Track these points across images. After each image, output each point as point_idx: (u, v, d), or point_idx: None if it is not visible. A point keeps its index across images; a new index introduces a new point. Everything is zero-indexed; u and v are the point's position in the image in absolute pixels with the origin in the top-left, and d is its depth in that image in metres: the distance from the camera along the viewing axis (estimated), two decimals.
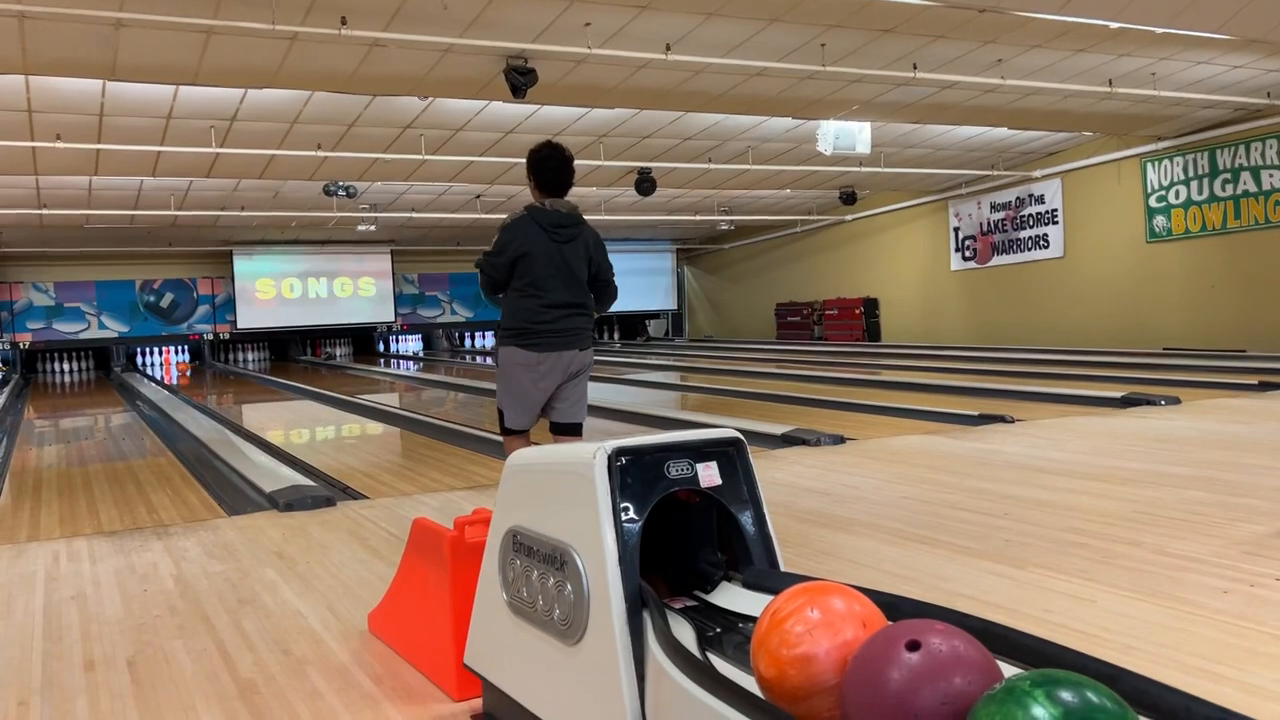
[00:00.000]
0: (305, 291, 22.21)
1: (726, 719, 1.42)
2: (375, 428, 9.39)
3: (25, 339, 20.24)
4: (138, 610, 3.40)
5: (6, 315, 19.99)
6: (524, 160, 4.26)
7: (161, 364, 21.46)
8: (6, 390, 15.39)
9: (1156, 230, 14.14)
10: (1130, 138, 14.00)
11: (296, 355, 22.76)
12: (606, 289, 4.29)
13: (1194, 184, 13.59)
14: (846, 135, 11.60)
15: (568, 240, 4.12)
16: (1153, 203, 14.15)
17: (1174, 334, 13.70)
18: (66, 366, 20.87)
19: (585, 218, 4.24)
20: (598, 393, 11.53)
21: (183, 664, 2.85)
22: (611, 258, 4.32)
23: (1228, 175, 13.17)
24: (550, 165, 4.16)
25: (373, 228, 18.58)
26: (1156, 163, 14.06)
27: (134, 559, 4.14)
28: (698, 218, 19.51)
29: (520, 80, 8.27)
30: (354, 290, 22.68)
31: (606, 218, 18.45)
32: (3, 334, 19.89)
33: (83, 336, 20.78)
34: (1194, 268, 13.63)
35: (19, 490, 6.24)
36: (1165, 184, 13.97)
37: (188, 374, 19.87)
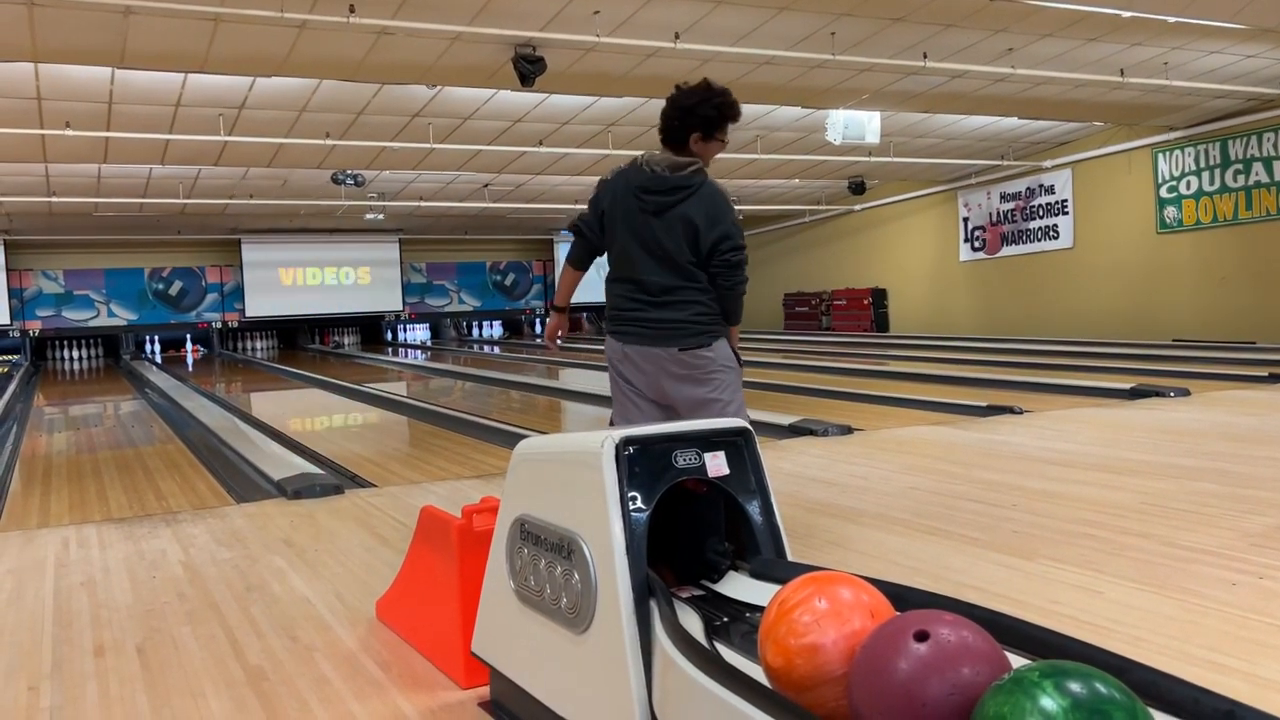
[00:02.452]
0: (313, 280, 22.25)
1: (733, 708, 1.42)
2: (383, 416, 9.41)
3: (35, 326, 20.32)
4: (147, 596, 3.42)
5: (16, 303, 20.06)
6: (531, 149, 3.94)
7: (162, 352, 21.54)
8: (16, 378, 15.46)
9: (1167, 221, 14.07)
10: (1141, 128, 13.93)
11: (305, 344, 22.81)
12: (722, 270, 3.29)
13: (1205, 175, 13.51)
14: (856, 124, 11.56)
15: (658, 210, 3.29)
16: (1163, 193, 14.08)
17: (1184, 325, 13.65)
18: (76, 354, 20.95)
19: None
20: (602, 382, 11.55)
21: (191, 650, 2.86)
22: None
23: (1239, 166, 13.09)
24: (665, 106, 3.36)
25: (380, 216, 18.61)
26: (1168, 153, 13.98)
27: (143, 545, 4.16)
28: None
29: (529, 68, 8.26)
30: (362, 279, 22.71)
31: None
32: (13, 321, 19.96)
33: (92, 324, 20.86)
34: (1204, 259, 13.57)
35: (29, 477, 6.27)
36: (1176, 174, 13.90)
37: (182, 355, 20.20)
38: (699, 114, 3.28)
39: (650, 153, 3.40)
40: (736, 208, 3.40)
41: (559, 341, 3.78)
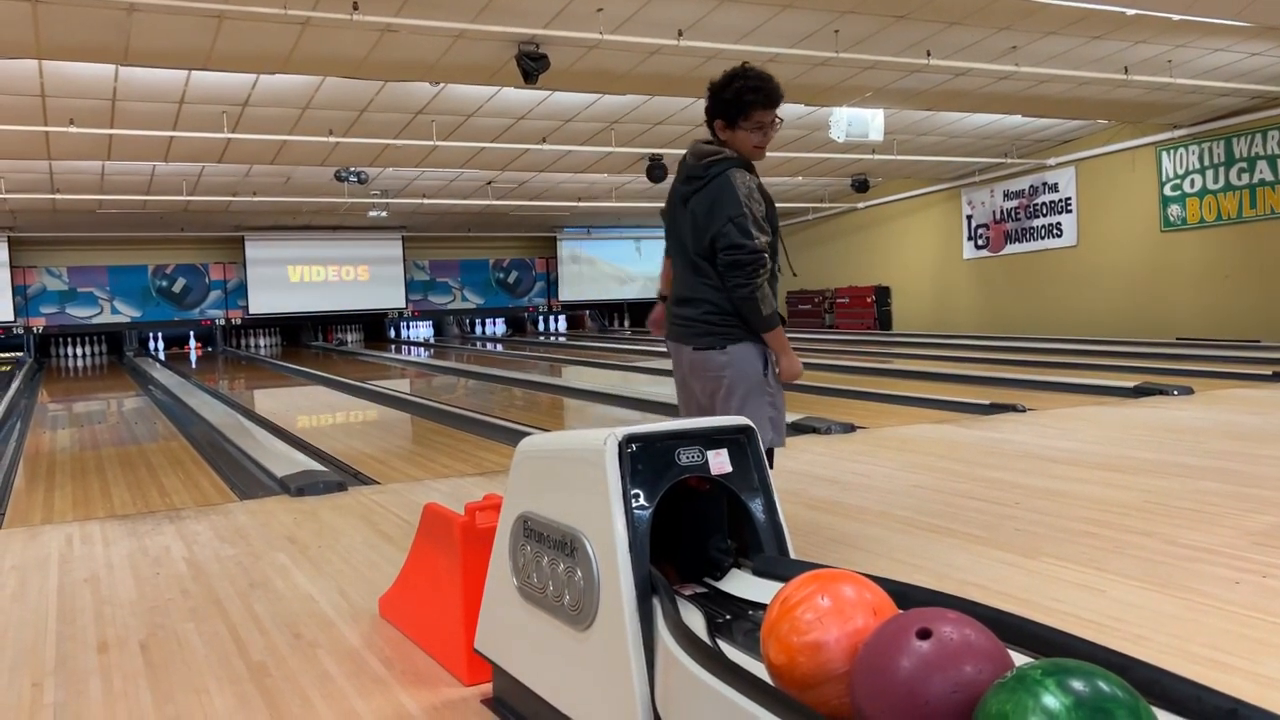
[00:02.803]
0: (316, 277, 22.27)
1: (736, 705, 1.43)
2: (386, 413, 9.42)
3: (39, 323, 20.35)
4: (150, 593, 3.43)
5: (20, 300, 20.08)
6: (534, 147, 3.62)
7: (165, 349, 21.60)
8: (20, 375, 15.49)
9: (1171, 219, 14.04)
10: (1145, 125, 13.90)
11: (308, 341, 22.83)
12: (723, 272, 3.03)
13: (1209, 173, 13.48)
14: (859, 122, 11.54)
15: (683, 200, 3.18)
16: (1167, 191, 14.06)
17: (1188, 324, 13.63)
18: (79, 350, 20.97)
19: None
20: (605, 379, 11.54)
21: (195, 646, 2.87)
22: (621, 244, 3.16)
23: (1244, 164, 13.07)
24: None
25: (384, 214, 18.60)
26: (1172, 151, 13.96)
27: (146, 542, 4.17)
28: None
29: (532, 66, 8.25)
30: (365, 276, 22.73)
31: (617, 204, 18.43)
32: (17, 318, 20.00)
33: (95, 321, 20.88)
34: (1208, 257, 13.55)
35: (33, 473, 6.28)
36: (1180, 172, 13.87)
37: (185, 351, 20.31)
38: (717, 98, 3.11)
39: (701, 141, 3.22)
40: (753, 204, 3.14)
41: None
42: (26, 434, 8.41)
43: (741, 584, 2.04)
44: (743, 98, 3.06)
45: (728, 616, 1.92)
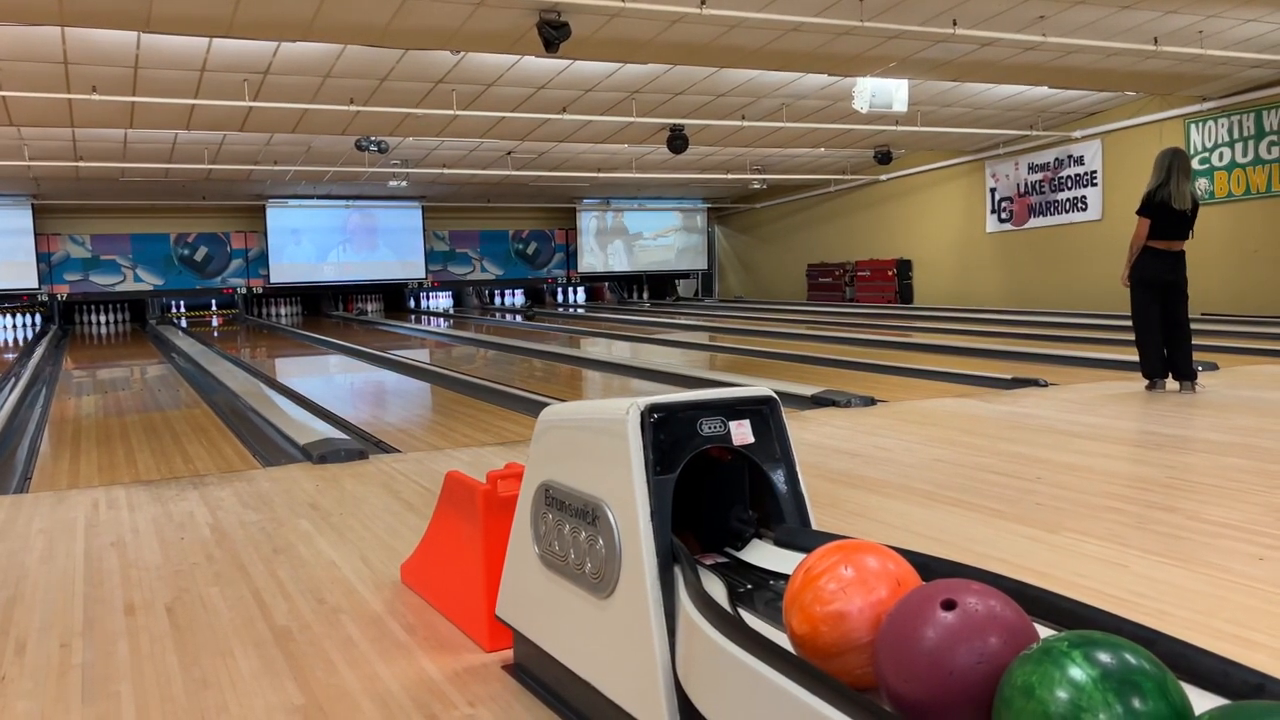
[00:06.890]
0: (337, 246, 22.33)
1: (758, 673, 1.43)
2: (406, 383, 9.46)
3: (63, 290, 20.52)
4: (175, 557, 3.47)
5: (45, 267, 20.25)
6: (554, 116, 3.25)
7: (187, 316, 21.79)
8: (45, 341, 15.64)
9: (1199, 193, 13.84)
10: (1174, 98, 13.69)
11: (328, 310, 22.93)
12: None
13: (1239, 146, 13.28)
14: (883, 93, 11.42)
15: None
16: (1195, 165, 13.85)
17: (1214, 299, 13.45)
18: (103, 318, 21.16)
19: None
20: (626, 352, 11.53)
21: (220, 610, 2.90)
22: (640, 216, 2.88)
23: (1274, 137, 12.86)
24: None
25: (404, 184, 18.60)
26: (1200, 124, 13.75)
27: (171, 507, 4.21)
28: (729, 176, 19.34)
29: (553, 34, 8.19)
30: (385, 247, 22.77)
31: (637, 175, 18.35)
32: (41, 285, 20.17)
33: (118, 289, 21.04)
34: (1236, 232, 13.37)
35: (59, 439, 6.35)
36: (1209, 145, 13.67)
37: (207, 318, 20.49)
38: None
39: None
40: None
41: None
42: (52, 400, 8.50)
43: (763, 554, 2.04)
44: None
45: (749, 586, 1.92)
